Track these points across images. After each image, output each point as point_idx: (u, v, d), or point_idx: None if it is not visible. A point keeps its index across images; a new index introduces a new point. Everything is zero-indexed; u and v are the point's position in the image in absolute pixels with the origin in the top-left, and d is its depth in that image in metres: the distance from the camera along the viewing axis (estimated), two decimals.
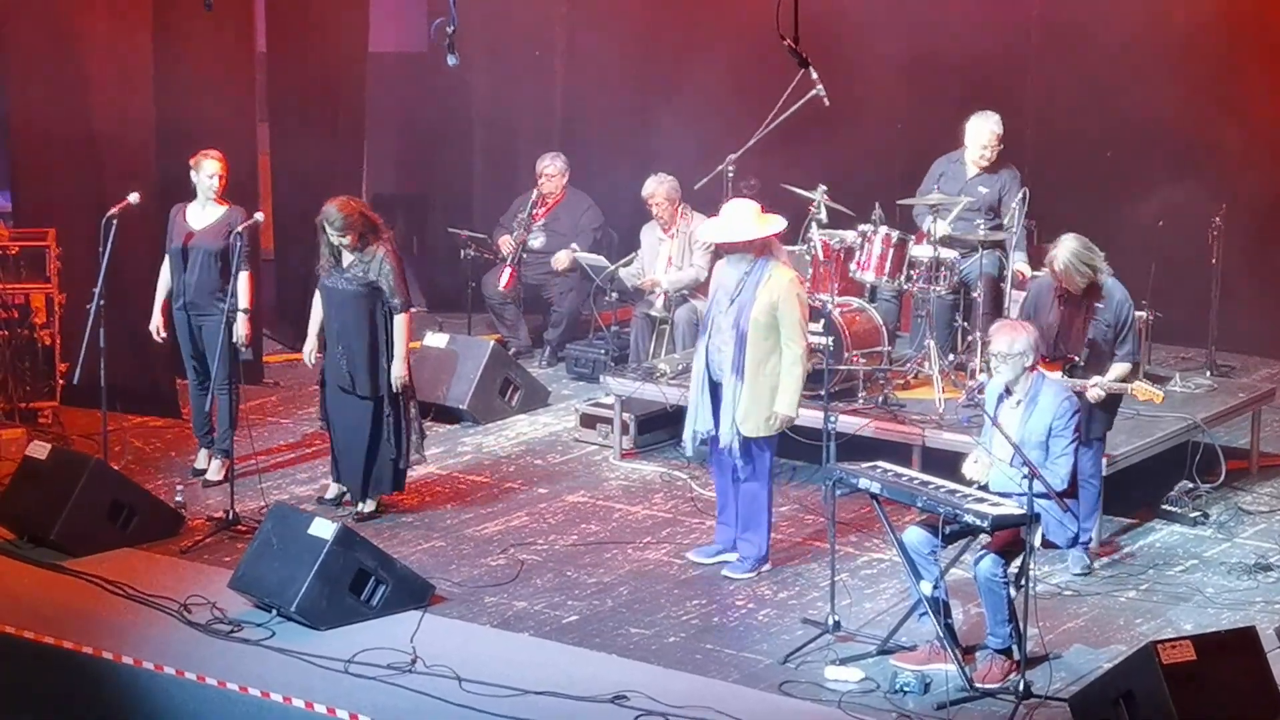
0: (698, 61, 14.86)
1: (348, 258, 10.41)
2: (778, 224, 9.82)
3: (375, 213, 10.61)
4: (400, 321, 10.42)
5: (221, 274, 10.91)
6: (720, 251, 9.96)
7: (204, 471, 11.25)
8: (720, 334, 9.73)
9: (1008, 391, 8.94)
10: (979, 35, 13.70)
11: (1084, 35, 13.89)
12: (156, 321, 11.16)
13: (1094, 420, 9.76)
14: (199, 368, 11.13)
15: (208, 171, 10.96)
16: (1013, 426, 8.81)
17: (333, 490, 10.81)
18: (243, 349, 11.02)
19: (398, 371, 10.42)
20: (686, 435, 9.97)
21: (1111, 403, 10.03)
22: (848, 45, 13.28)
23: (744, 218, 9.74)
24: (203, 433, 11.32)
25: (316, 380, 10.83)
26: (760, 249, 9.68)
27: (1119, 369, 9.89)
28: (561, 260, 13.71)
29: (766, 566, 9.93)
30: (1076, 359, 9.90)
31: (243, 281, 10.86)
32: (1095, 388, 9.71)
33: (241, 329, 10.86)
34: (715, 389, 9.79)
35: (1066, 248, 9.81)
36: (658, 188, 12.84)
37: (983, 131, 11.72)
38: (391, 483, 10.65)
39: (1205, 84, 13.44)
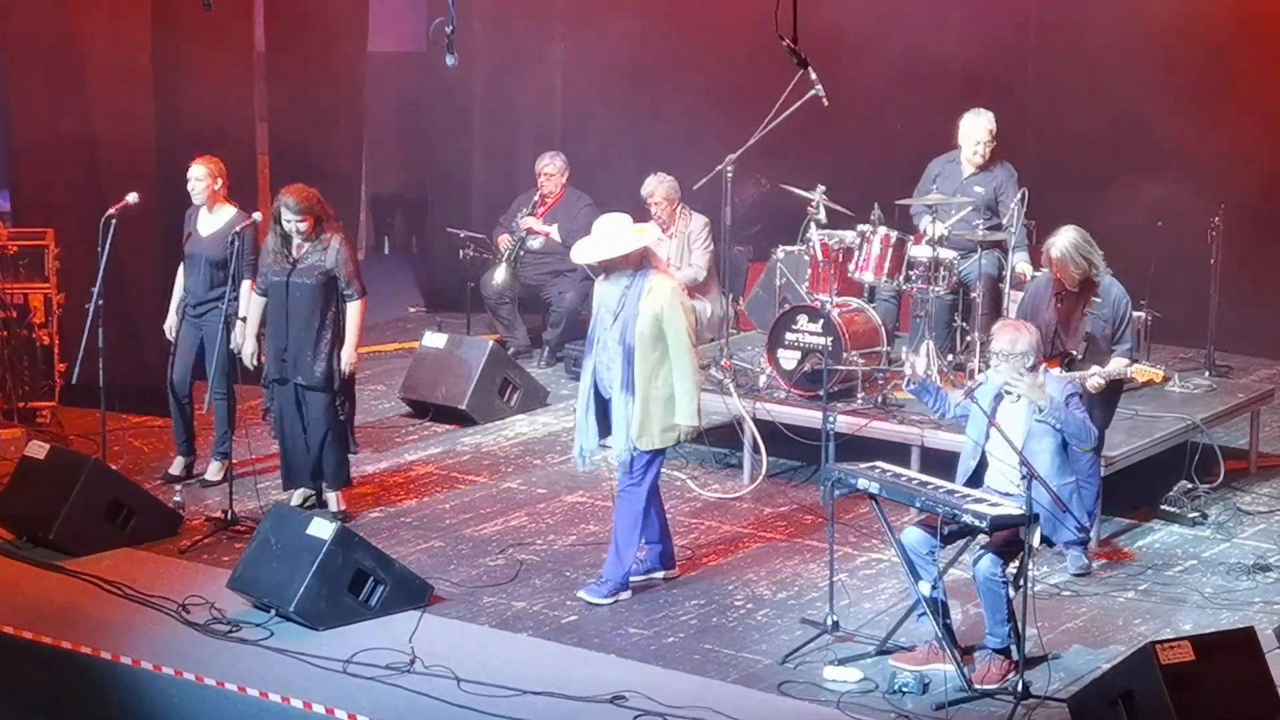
0: (697, 62, 14.89)
1: (300, 248, 10.36)
2: (652, 234, 9.67)
3: (327, 202, 10.55)
4: (355, 308, 10.38)
5: (221, 282, 10.88)
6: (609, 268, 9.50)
7: (177, 478, 11.18)
8: (606, 351, 9.49)
9: (1007, 389, 8.94)
10: (977, 35, 13.70)
11: (1082, 35, 13.91)
12: (171, 321, 11.14)
13: (1092, 418, 9.75)
14: (184, 376, 11.04)
15: (190, 177, 10.93)
16: (1018, 421, 8.81)
17: (297, 496, 10.70)
18: (242, 357, 10.95)
19: (348, 356, 10.38)
20: (575, 451, 9.71)
21: (1111, 398, 10.05)
22: (847, 45, 13.28)
23: (619, 232, 9.47)
24: (182, 440, 11.25)
25: (264, 383, 10.63)
26: (638, 262, 9.43)
27: (1117, 363, 9.90)
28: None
29: (626, 594, 9.58)
30: (1074, 353, 9.91)
31: (244, 289, 10.83)
32: (1094, 377, 9.72)
33: (240, 337, 10.84)
34: (605, 406, 9.56)
35: (1065, 238, 9.88)
36: (657, 187, 12.85)
37: (975, 128, 11.70)
38: (347, 476, 10.66)
39: (1204, 83, 13.46)
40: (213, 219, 11.01)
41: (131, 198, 10.90)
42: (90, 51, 12.57)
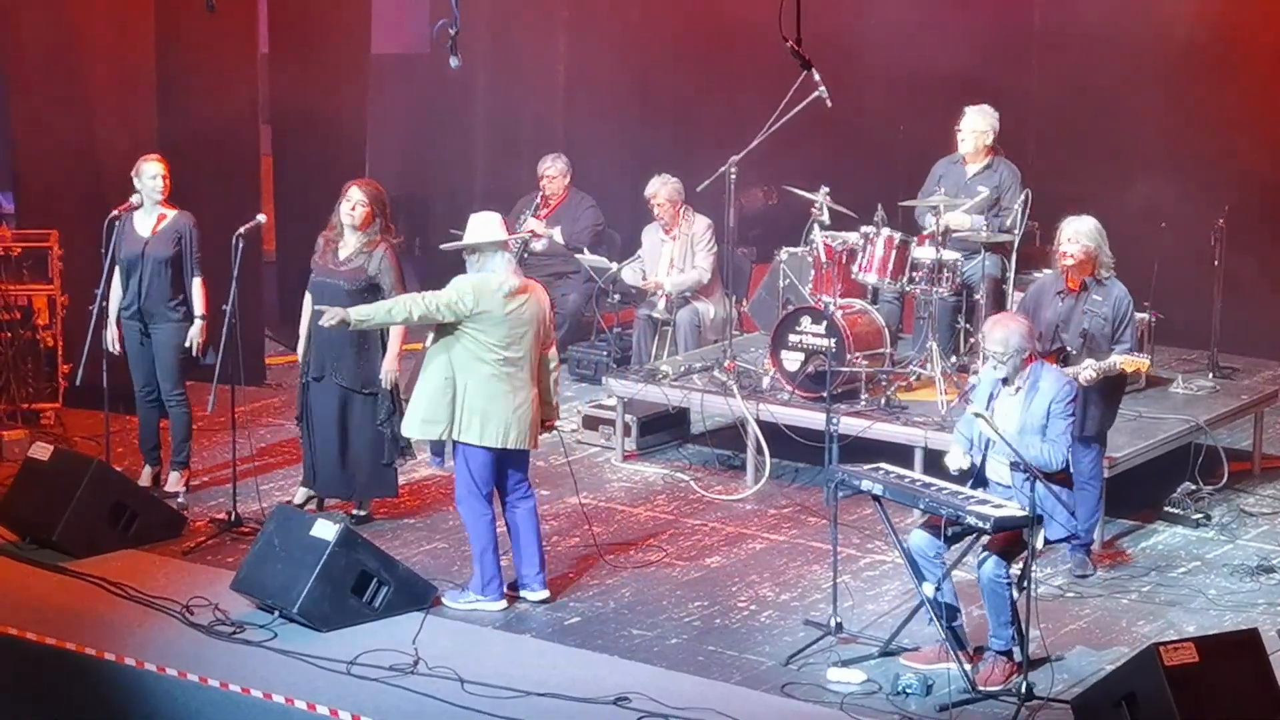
0: (700, 63, 14.89)
1: (347, 247, 10.35)
2: (514, 234, 9.56)
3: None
4: None
5: (172, 282, 10.79)
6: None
7: (148, 489, 11.00)
8: None
9: (1004, 381, 8.91)
10: (979, 37, 13.71)
11: (1085, 37, 13.91)
12: (113, 333, 10.91)
13: (1088, 417, 9.74)
14: (147, 380, 10.99)
15: (149, 174, 10.81)
16: (1013, 413, 8.79)
17: (300, 495, 10.72)
18: (200, 357, 10.83)
19: (389, 367, 10.39)
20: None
21: (1110, 398, 10.01)
22: (850, 47, 13.28)
23: (481, 225, 9.37)
24: (149, 448, 11.16)
25: (300, 379, 10.63)
26: (489, 254, 9.34)
27: (1111, 358, 9.87)
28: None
29: (491, 603, 9.42)
30: (1071, 350, 9.91)
31: (196, 287, 10.77)
32: (1087, 370, 9.69)
33: (198, 336, 10.77)
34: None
35: (1084, 220, 9.86)
36: (660, 189, 12.84)
37: (971, 120, 11.68)
38: (392, 484, 10.65)
39: (1208, 85, 13.45)
40: (148, 219, 10.87)
41: (135, 199, 10.89)
42: (93, 53, 12.57)
